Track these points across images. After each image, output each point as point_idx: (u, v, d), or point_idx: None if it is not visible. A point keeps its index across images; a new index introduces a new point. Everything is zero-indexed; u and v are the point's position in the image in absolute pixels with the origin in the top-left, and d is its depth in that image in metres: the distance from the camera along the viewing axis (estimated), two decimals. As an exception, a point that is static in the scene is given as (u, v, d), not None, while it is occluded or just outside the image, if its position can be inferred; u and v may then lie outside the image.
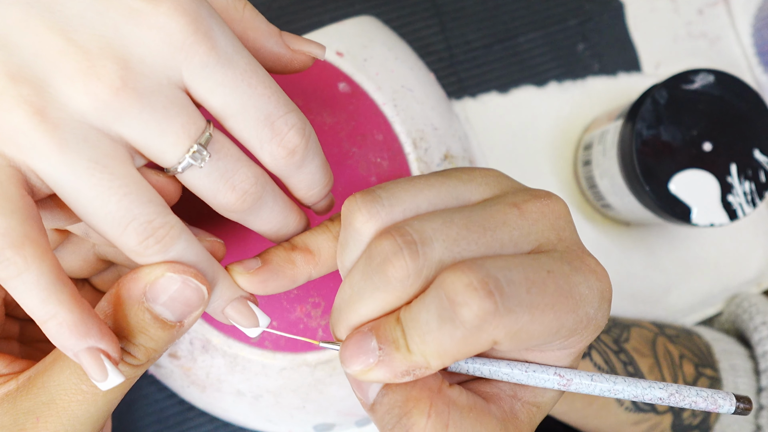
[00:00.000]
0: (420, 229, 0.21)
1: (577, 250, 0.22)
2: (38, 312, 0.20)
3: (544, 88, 0.44)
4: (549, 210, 0.22)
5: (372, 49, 0.35)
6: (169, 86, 0.21)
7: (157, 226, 0.21)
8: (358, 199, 0.22)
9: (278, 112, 0.22)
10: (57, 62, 0.20)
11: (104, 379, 0.21)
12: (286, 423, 0.35)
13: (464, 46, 0.44)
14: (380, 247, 0.21)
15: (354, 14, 0.43)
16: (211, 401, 0.34)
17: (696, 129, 0.36)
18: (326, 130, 0.33)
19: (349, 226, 0.22)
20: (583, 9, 0.45)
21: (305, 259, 0.24)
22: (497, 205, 0.22)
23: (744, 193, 0.36)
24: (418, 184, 0.22)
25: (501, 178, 0.24)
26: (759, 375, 0.38)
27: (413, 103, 0.35)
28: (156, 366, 0.34)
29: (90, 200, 0.20)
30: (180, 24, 0.20)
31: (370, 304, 0.21)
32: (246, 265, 0.24)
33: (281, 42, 0.24)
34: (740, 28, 0.46)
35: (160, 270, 0.22)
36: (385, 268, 0.21)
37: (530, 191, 0.23)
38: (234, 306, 0.24)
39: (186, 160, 0.21)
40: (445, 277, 0.20)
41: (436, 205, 0.22)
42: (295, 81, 0.33)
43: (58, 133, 0.20)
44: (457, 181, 0.23)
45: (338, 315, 0.22)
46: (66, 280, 0.21)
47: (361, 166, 0.33)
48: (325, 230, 0.25)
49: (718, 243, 0.44)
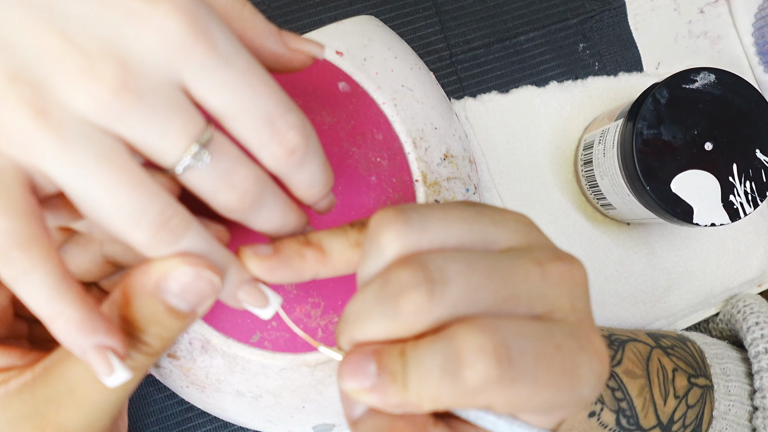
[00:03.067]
0: (443, 267, 0.20)
1: (587, 326, 0.22)
2: (45, 311, 0.20)
3: (544, 87, 0.44)
4: (570, 276, 0.22)
5: (372, 48, 0.35)
6: (168, 87, 0.21)
7: (169, 216, 0.21)
8: (390, 216, 0.22)
9: (278, 112, 0.22)
10: (57, 63, 0.20)
11: (111, 375, 0.21)
12: (285, 423, 0.34)
13: (464, 46, 0.44)
14: (400, 276, 0.20)
15: (354, 14, 0.43)
16: (210, 401, 0.34)
17: (697, 128, 0.35)
18: (326, 129, 0.33)
19: (374, 239, 0.22)
20: (583, 8, 0.45)
21: (316, 257, 0.24)
22: (521, 259, 0.22)
23: (745, 192, 0.36)
24: (451, 215, 0.22)
25: (531, 228, 0.24)
26: (752, 377, 0.38)
27: (413, 102, 0.35)
28: (155, 366, 0.34)
29: (100, 196, 0.20)
30: (179, 24, 0.20)
31: (377, 327, 0.21)
32: (257, 250, 0.24)
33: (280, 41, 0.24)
34: (741, 27, 0.46)
35: (173, 263, 0.22)
36: (399, 299, 0.20)
37: (556, 251, 0.23)
38: (245, 289, 0.24)
39: (186, 161, 0.21)
40: (459, 331, 0.20)
41: (463, 242, 0.22)
42: (295, 80, 0.33)
43: (61, 133, 0.20)
44: (489, 222, 0.23)
45: (344, 325, 0.22)
46: (71, 279, 0.21)
47: (361, 166, 0.33)
48: (343, 234, 0.25)
49: (719, 243, 0.44)
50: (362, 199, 0.32)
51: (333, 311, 0.32)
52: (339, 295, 0.32)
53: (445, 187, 0.35)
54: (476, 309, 0.21)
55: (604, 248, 0.43)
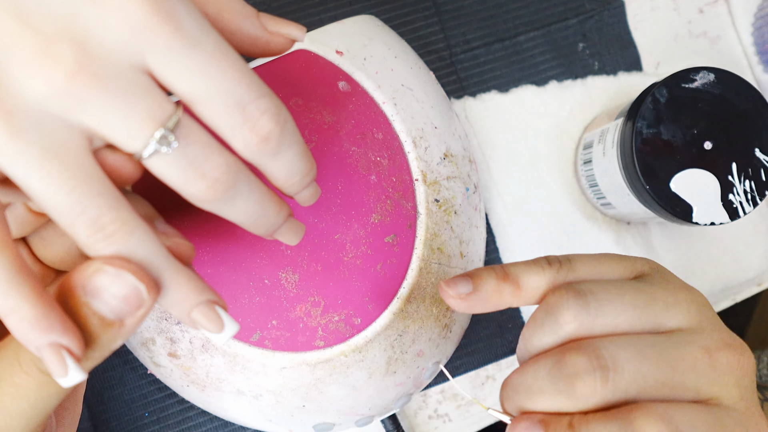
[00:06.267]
0: (615, 355, 0.22)
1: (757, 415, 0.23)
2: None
3: (544, 87, 0.44)
4: (739, 366, 0.23)
5: (372, 48, 0.35)
6: (131, 70, 0.20)
7: (106, 221, 0.20)
8: (571, 298, 0.23)
9: (250, 97, 0.21)
10: (11, 46, 0.19)
11: (65, 375, 0.20)
12: (285, 422, 0.35)
13: (464, 46, 0.44)
14: (574, 361, 0.22)
15: (354, 13, 0.43)
16: (211, 401, 0.34)
17: (696, 128, 0.35)
18: (326, 128, 0.33)
19: (551, 316, 0.24)
20: (583, 8, 0.45)
21: (512, 293, 0.26)
22: (690, 347, 0.23)
23: (744, 192, 0.36)
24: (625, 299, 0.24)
25: (702, 308, 0.24)
26: None
27: (413, 101, 0.35)
28: (156, 366, 0.34)
29: (41, 190, 0.20)
30: (140, 4, 0.19)
31: (548, 402, 0.23)
32: (457, 288, 0.26)
33: (258, 24, 0.24)
34: (740, 27, 0.46)
35: (97, 264, 0.20)
36: (574, 382, 0.22)
37: (725, 337, 0.24)
38: (201, 310, 0.22)
39: (151, 145, 0.20)
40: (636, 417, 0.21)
41: (634, 326, 0.23)
42: (294, 79, 0.33)
43: (10, 120, 0.19)
44: (662, 307, 0.24)
45: (513, 393, 0.24)
46: (28, 272, 0.20)
47: (360, 165, 0.33)
48: (540, 271, 0.25)
49: (719, 242, 0.44)
50: (362, 199, 0.33)
51: (333, 310, 0.32)
52: (339, 294, 0.32)
53: (444, 187, 0.35)
54: (644, 394, 0.22)
55: (603, 248, 0.43)
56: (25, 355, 0.21)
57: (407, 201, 0.34)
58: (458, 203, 0.35)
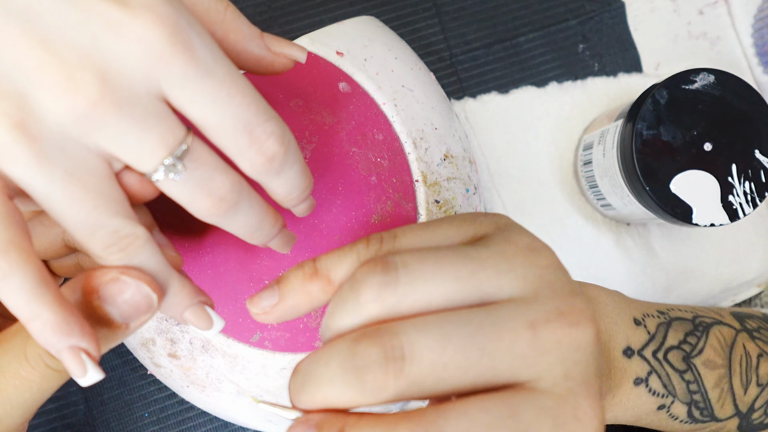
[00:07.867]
0: (414, 342, 0.20)
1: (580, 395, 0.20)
2: (22, 312, 0.21)
3: (544, 88, 0.44)
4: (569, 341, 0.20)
5: (372, 48, 0.35)
6: (147, 97, 0.21)
7: (122, 236, 0.22)
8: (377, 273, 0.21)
9: (257, 121, 0.22)
10: (36, 74, 0.20)
11: (84, 375, 0.22)
12: (285, 422, 0.35)
13: (464, 47, 0.44)
14: (366, 351, 0.20)
15: (354, 14, 0.43)
16: (211, 401, 0.34)
17: (696, 129, 0.36)
18: (326, 129, 0.33)
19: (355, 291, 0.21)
20: (583, 9, 0.45)
21: (323, 291, 0.23)
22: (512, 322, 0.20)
23: (744, 193, 0.36)
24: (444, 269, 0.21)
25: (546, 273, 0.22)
26: None
27: (413, 102, 0.35)
28: (156, 366, 0.34)
29: (63, 208, 0.21)
30: (159, 35, 0.20)
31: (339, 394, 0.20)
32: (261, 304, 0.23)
33: (263, 45, 0.25)
34: (740, 29, 0.46)
35: (115, 272, 0.22)
36: (365, 375, 0.20)
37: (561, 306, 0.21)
38: (193, 311, 0.25)
39: (160, 171, 0.22)
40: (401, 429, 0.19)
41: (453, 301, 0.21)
42: (295, 81, 0.33)
43: (36, 146, 0.20)
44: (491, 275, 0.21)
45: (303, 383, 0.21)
46: (49, 281, 0.21)
47: (361, 166, 0.33)
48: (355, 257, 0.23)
49: (719, 243, 0.44)
50: (362, 200, 0.33)
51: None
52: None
53: (445, 188, 0.35)
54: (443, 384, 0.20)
55: (603, 248, 0.43)
56: (33, 350, 0.23)
57: (407, 202, 0.34)
58: (458, 204, 0.35)
